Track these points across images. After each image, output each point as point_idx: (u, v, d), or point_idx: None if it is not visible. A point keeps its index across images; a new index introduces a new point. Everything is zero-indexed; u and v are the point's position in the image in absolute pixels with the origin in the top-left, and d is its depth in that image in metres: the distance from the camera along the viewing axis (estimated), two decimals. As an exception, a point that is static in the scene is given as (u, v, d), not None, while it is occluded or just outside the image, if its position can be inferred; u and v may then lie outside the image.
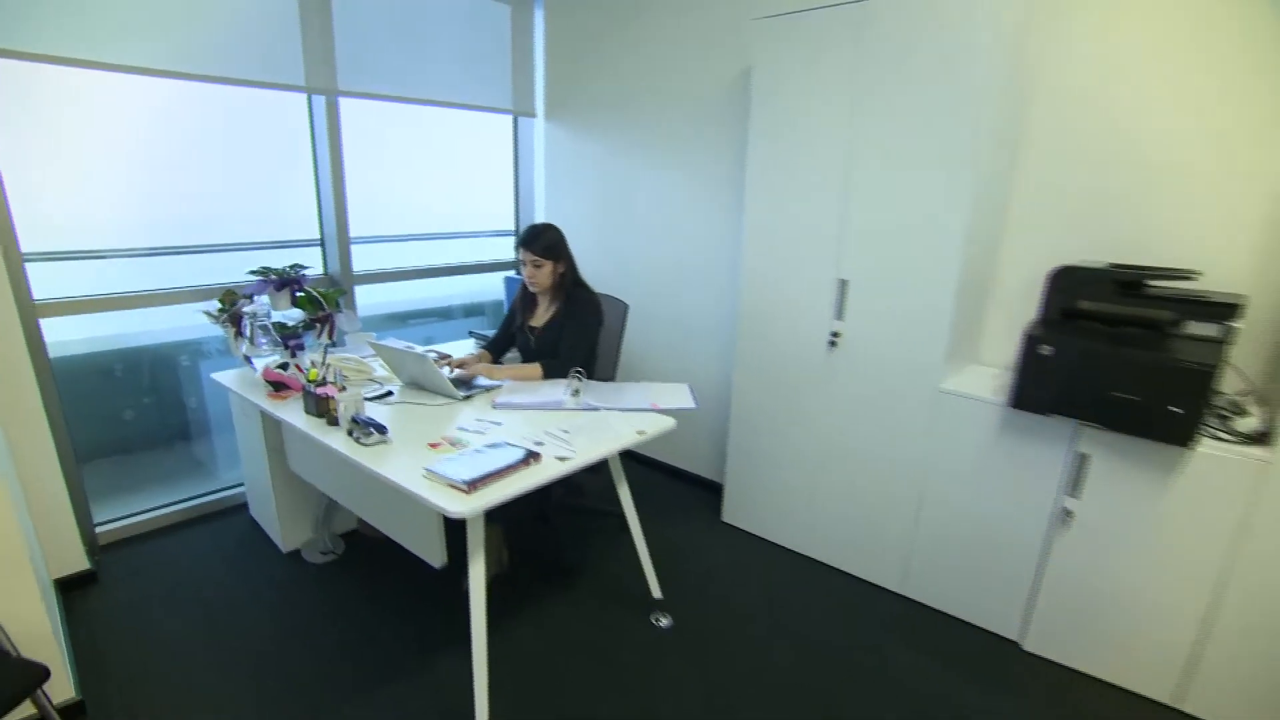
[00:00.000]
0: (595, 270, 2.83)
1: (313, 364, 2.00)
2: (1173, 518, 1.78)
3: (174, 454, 2.86)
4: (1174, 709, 1.89)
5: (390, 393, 2.16)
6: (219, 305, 2.44)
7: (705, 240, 2.99)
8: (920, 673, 2.03)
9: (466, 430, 1.85)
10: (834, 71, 2.16)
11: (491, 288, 3.88)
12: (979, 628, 2.22)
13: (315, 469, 2.25)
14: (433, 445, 1.74)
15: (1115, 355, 1.73)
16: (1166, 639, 1.86)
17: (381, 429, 1.77)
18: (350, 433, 1.78)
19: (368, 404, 1.99)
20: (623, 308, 2.58)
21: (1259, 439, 1.71)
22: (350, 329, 2.70)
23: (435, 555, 1.79)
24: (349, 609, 2.25)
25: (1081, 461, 1.90)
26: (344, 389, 1.94)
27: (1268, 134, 1.82)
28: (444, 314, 3.80)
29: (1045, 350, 1.83)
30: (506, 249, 3.87)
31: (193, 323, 2.50)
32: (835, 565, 2.55)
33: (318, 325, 2.54)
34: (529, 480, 1.58)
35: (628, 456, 2.80)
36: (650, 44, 3.02)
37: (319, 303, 2.55)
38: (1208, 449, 1.71)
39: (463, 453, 1.67)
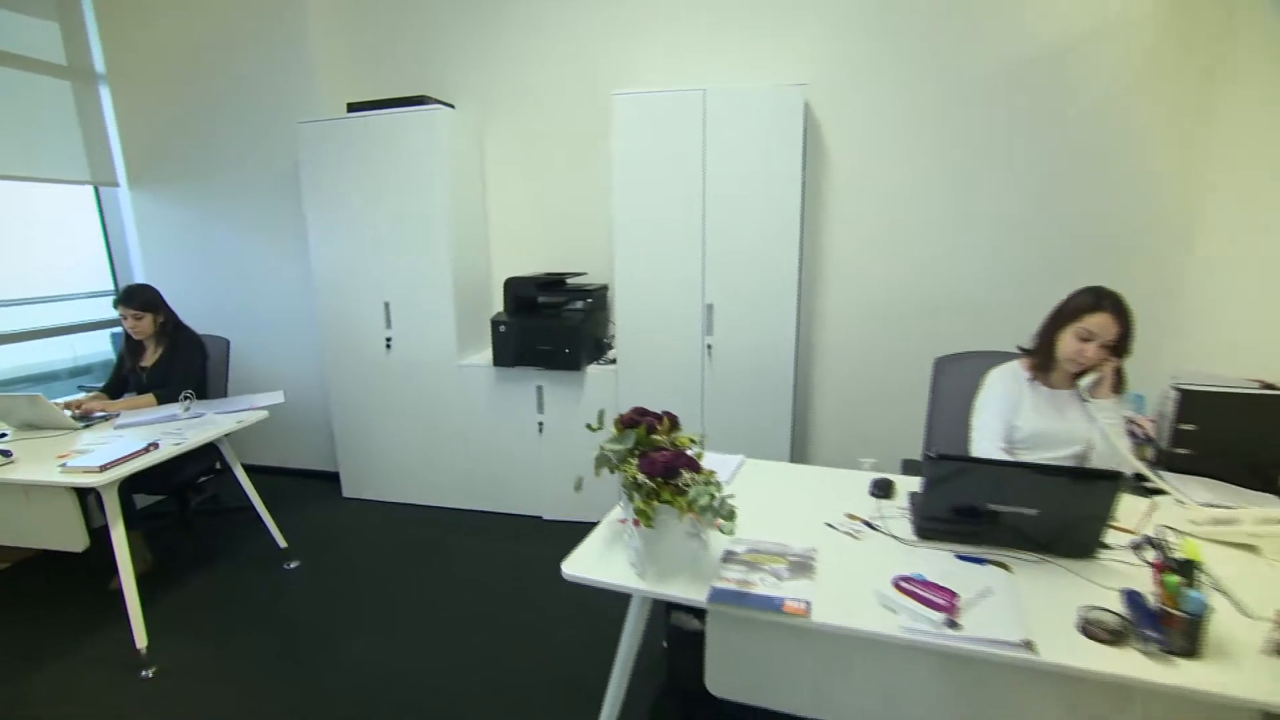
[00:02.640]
0: (202, 312, 3.44)
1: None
2: (589, 405, 3.17)
3: None
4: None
5: (3, 434, 2.60)
6: None
7: (279, 285, 3.80)
8: (477, 550, 3.18)
9: (92, 445, 2.45)
10: (337, 168, 3.22)
11: (98, 349, 4.11)
12: (516, 514, 3.46)
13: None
14: (61, 456, 2.33)
15: (537, 324, 3.07)
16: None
17: (5, 453, 2.29)
18: (-25, 464, 2.27)
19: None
20: (224, 343, 3.29)
21: (612, 360, 3.20)
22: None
23: (77, 540, 2.36)
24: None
25: (539, 391, 3.23)
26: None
27: (602, 197, 3.33)
28: (49, 377, 3.94)
29: (502, 328, 3.11)
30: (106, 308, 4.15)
31: None
32: (420, 502, 3.60)
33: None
34: (150, 459, 2.30)
35: (260, 470, 3.49)
36: (222, 128, 3.72)
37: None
38: (592, 370, 3.15)
39: (92, 453, 2.31)
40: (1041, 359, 1.97)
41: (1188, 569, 1.19)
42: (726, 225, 2.90)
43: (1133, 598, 1.24)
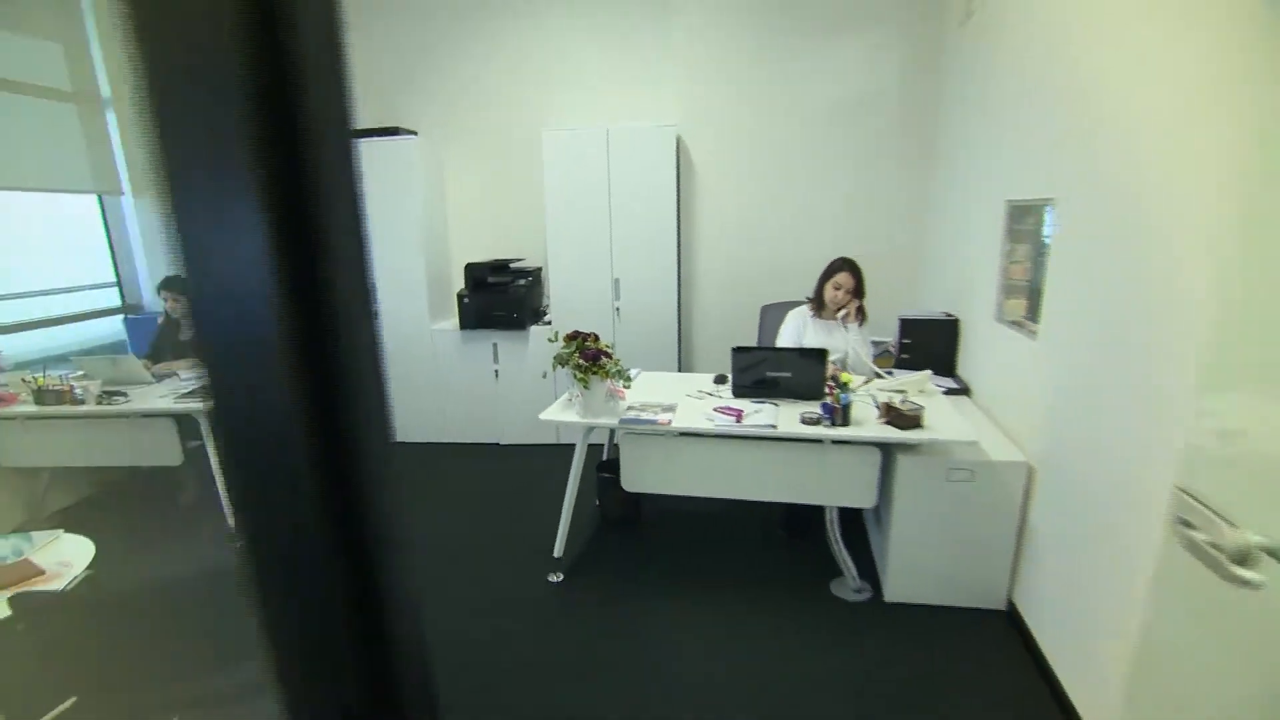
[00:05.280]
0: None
1: None
2: (533, 355, 4.31)
3: None
4: (552, 441, 4.49)
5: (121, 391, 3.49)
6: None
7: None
8: (453, 466, 4.28)
9: (167, 394, 3.38)
10: None
11: (104, 332, 4.88)
12: (480, 442, 4.56)
13: None
14: (162, 397, 3.26)
15: (490, 297, 4.19)
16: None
17: (122, 393, 3.22)
18: None
19: None
20: None
21: (548, 321, 4.35)
22: None
23: (175, 456, 3.30)
24: None
25: (495, 347, 4.35)
26: None
27: (536, 200, 4.47)
28: (61, 360, 4.69)
29: (465, 300, 4.21)
30: (113, 298, 4.91)
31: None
32: (403, 440, 4.64)
33: None
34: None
35: None
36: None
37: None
38: (533, 329, 4.29)
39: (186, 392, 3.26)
40: (816, 303, 3.29)
41: (844, 386, 2.50)
42: (625, 223, 4.11)
43: (824, 405, 2.55)
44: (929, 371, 3.01)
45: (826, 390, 2.57)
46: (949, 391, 3.12)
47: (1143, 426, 1.78)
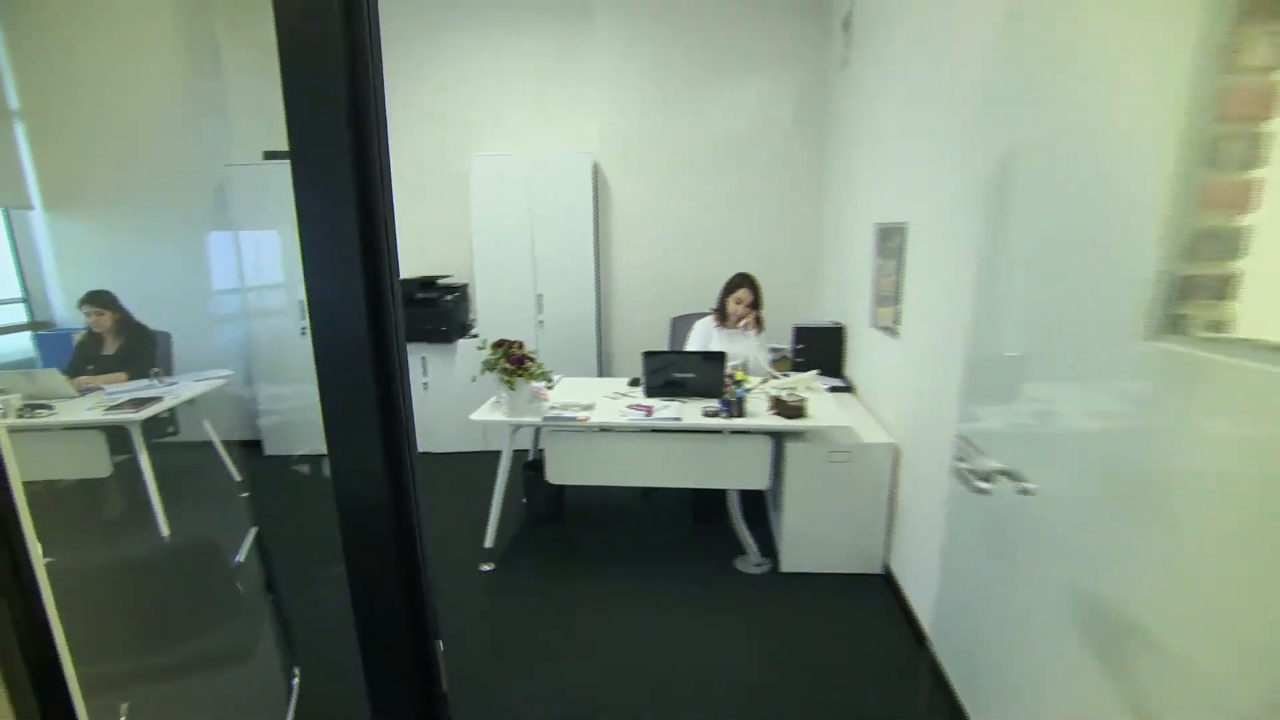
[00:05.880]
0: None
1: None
2: (460, 368, 4.53)
3: None
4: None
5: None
6: None
7: (197, 290, 4.79)
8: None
9: (95, 408, 3.44)
10: (262, 204, 4.35)
11: (9, 349, 4.77)
12: (408, 451, 4.72)
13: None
14: (89, 409, 3.32)
15: (420, 312, 4.39)
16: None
17: (47, 406, 3.26)
18: None
19: None
20: (167, 336, 4.25)
21: (475, 335, 4.59)
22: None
23: (104, 468, 3.35)
24: None
25: (424, 360, 4.55)
26: None
27: (462, 220, 4.71)
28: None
29: (395, 315, 4.40)
30: None
31: None
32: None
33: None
34: (167, 404, 3.37)
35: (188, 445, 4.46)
36: (142, 163, 4.63)
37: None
38: (461, 342, 4.52)
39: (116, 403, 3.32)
40: (720, 314, 3.68)
41: (741, 383, 2.88)
42: (547, 242, 4.42)
43: (723, 401, 2.92)
44: (815, 371, 3.44)
45: (724, 388, 2.94)
46: (836, 389, 3.57)
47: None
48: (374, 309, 0.77)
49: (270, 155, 4.41)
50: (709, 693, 2.36)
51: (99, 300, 3.91)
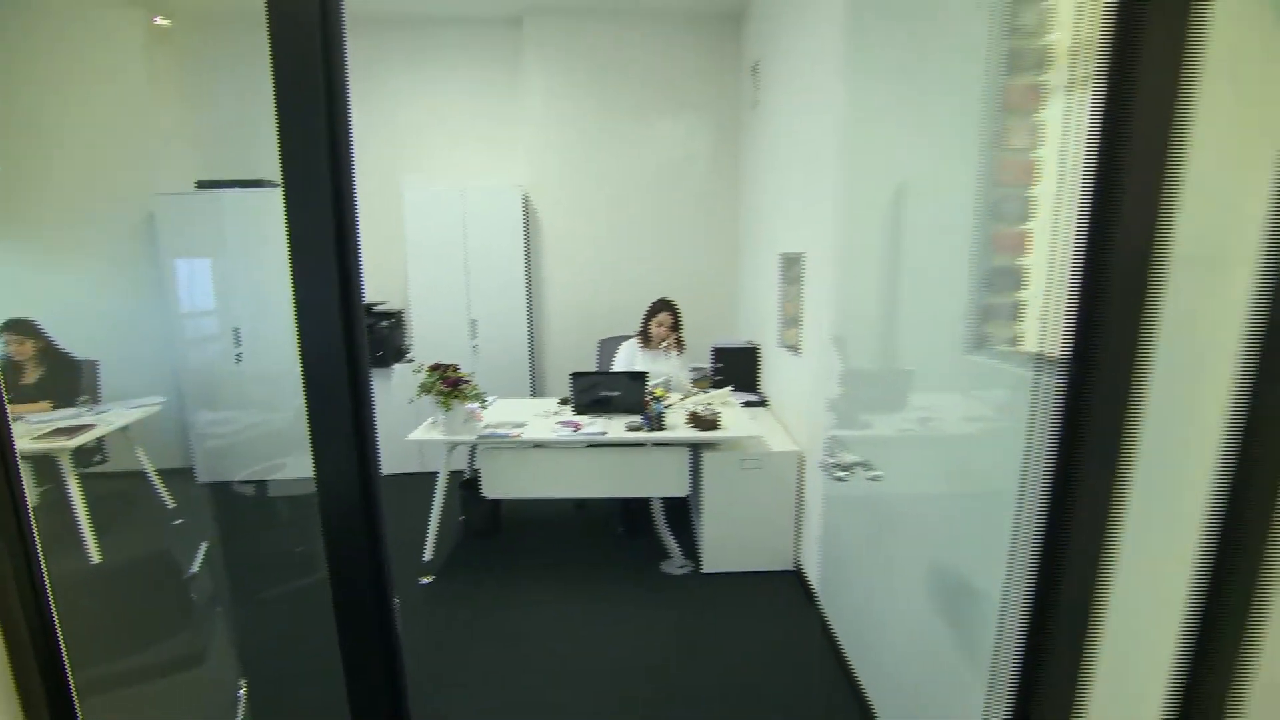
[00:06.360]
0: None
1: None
2: (396, 392, 4.66)
3: None
4: (417, 470, 4.83)
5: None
6: None
7: (129, 319, 4.78)
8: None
9: (23, 436, 3.43)
10: (193, 232, 4.41)
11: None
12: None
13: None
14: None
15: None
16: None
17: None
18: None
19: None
20: (94, 364, 4.24)
21: (411, 359, 4.74)
22: None
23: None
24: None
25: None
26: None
27: (397, 248, 4.87)
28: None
29: (331, 341, 4.52)
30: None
31: None
32: (269, 477, 4.78)
33: None
34: (100, 430, 3.39)
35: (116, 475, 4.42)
36: (71, 189, 4.61)
37: None
38: (397, 367, 4.65)
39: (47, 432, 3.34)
40: (644, 336, 3.96)
41: (660, 399, 3.16)
42: (481, 270, 4.64)
43: (644, 416, 3.19)
44: (730, 387, 3.76)
45: (646, 404, 3.22)
46: (750, 404, 3.90)
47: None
48: (349, 333, 0.92)
49: (204, 185, 4.47)
50: (636, 685, 2.59)
51: (19, 328, 3.89)
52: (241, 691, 2.43)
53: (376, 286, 5.03)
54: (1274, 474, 0.80)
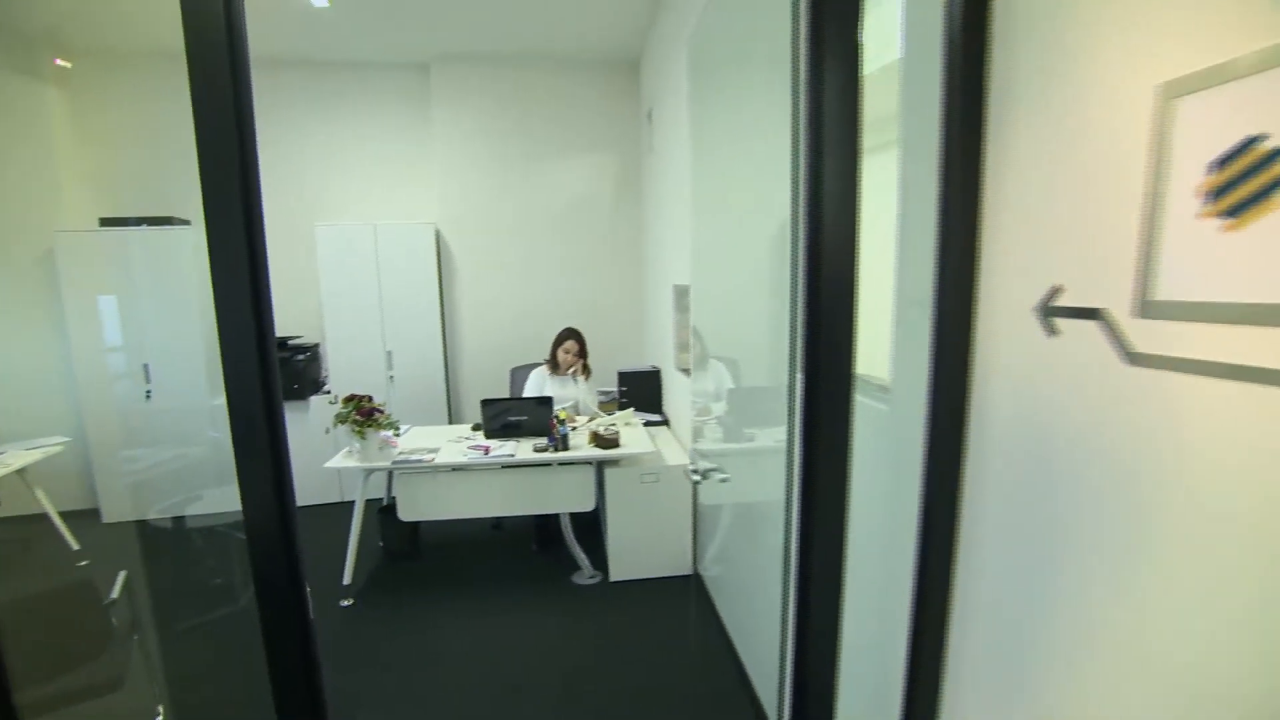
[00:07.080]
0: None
1: None
2: (312, 423, 4.75)
3: None
4: (335, 499, 4.92)
5: None
6: None
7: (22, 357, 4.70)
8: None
9: (-74, 479, 3.39)
10: (97, 272, 4.43)
11: None
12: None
13: None
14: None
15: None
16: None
17: None
18: None
19: None
20: (-7, 406, 4.17)
21: (328, 391, 4.85)
22: None
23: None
24: None
25: (275, 416, 4.73)
26: None
27: (312, 282, 4.98)
28: None
29: (245, 376, 4.59)
30: None
31: None
32: (184, 513, 4.77)
33: None
34: (9, 468, 3.39)
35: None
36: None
37: None
38: (314, 399, 4.75)
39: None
40: (552, 363, 4.25)
41: (565, 422, 3.45)
42: (395, 303, 4.83)
43: (550, 437, 3.47)
44: (632, 409, 4.09)
45: (551, 427, 3.50)
46: (653, 423, 4.23)
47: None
48: (264, 367, 1.09)
49: (107, 222, 4.49)
50: (549, 687, 2.83)
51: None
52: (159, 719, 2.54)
53: (293, 320, 5.13)
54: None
